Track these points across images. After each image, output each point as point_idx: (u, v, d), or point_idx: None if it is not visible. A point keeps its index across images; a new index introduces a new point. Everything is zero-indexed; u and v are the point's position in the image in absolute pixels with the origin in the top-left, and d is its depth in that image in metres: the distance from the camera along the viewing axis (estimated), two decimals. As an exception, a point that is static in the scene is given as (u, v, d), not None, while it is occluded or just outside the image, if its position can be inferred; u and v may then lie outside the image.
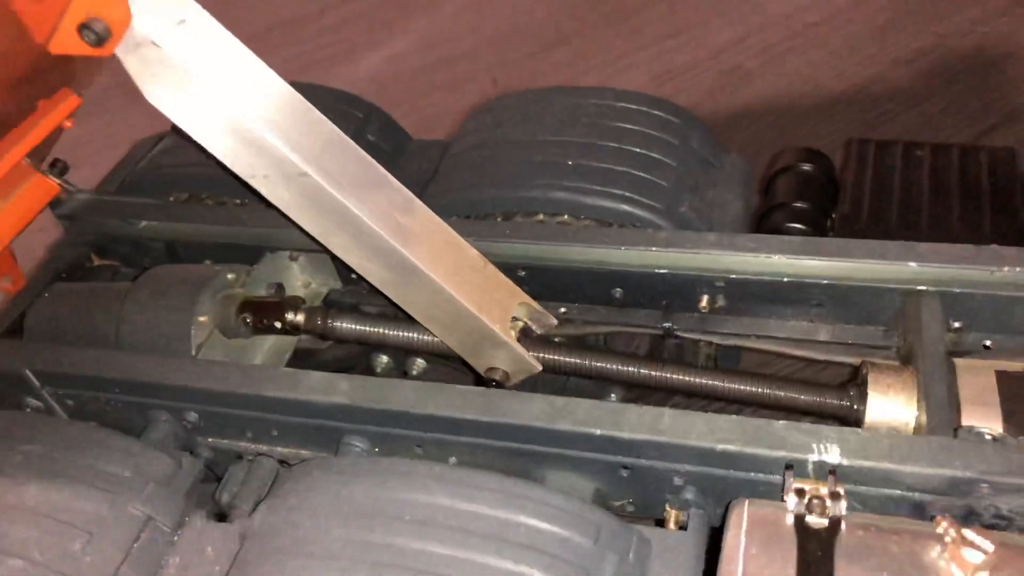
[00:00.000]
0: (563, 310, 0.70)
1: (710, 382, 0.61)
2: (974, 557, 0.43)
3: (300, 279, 0.74)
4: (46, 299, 0.75)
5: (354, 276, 0.70)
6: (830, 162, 0.76)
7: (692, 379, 0.62)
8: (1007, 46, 1.26)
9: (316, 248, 0.70)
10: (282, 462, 0.64)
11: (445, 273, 0.58)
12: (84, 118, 0.74)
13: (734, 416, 0.53)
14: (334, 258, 0.71)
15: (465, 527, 0.49)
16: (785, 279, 0.64)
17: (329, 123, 0.58)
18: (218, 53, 0.55)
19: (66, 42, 0.56)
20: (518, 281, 0.67)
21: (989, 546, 0.43)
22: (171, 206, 0.78)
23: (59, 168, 0.81)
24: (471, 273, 0.60)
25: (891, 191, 0.69)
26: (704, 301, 0.67)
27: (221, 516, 0.61)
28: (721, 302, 0.67)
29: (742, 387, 0.61)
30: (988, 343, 0.62)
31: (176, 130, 0.72)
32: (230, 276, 0.70)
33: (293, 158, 0.53)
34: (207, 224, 0.75)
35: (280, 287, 0.71)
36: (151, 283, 0.71)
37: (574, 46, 1.48)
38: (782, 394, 0.60)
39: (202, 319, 0.67)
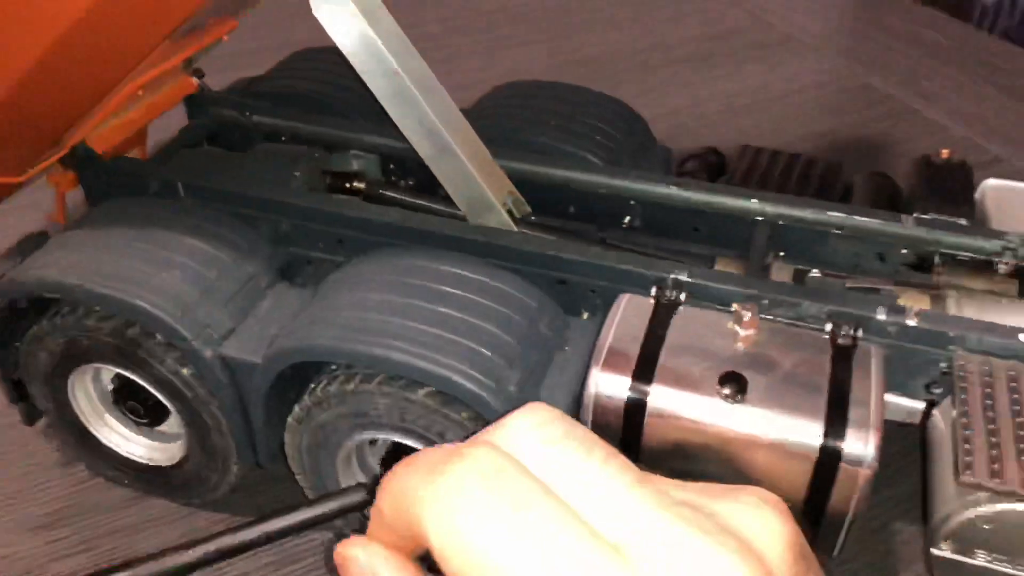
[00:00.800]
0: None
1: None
2: (745, 321, 0.77)
3: (356, 167, 1.08)
4: (182, 155, 1.07)
5: (392, 168, 1.05)
6: (723, 156, 1.13)
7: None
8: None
9: (369, 153, 1.05)
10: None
11: (468, 156, 0.92)
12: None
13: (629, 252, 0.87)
14: (382, 159, 1.05)
15: (452, 283, 0.82)
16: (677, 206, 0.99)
17: (418, 57, 0.92)
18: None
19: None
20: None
21: (749, 315, 0.76)
22: (275, 106, 1.12)
23: (198, 72, 1.14)
24: (483, 161, 0.94)
25: (758, 173, 1.06)
26: (626, 220, 1.02)
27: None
28: (637, 223, 1.02)
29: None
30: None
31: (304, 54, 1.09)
32: (316, 155, 1.04)
33: (394, 64, 0.88)
34: (300, 123, 1.09)
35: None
36: (263, 150, 1.05)
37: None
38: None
39: (297, 173, 1.00)
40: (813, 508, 0.72)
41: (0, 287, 0.86)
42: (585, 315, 0.87)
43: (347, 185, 1.01)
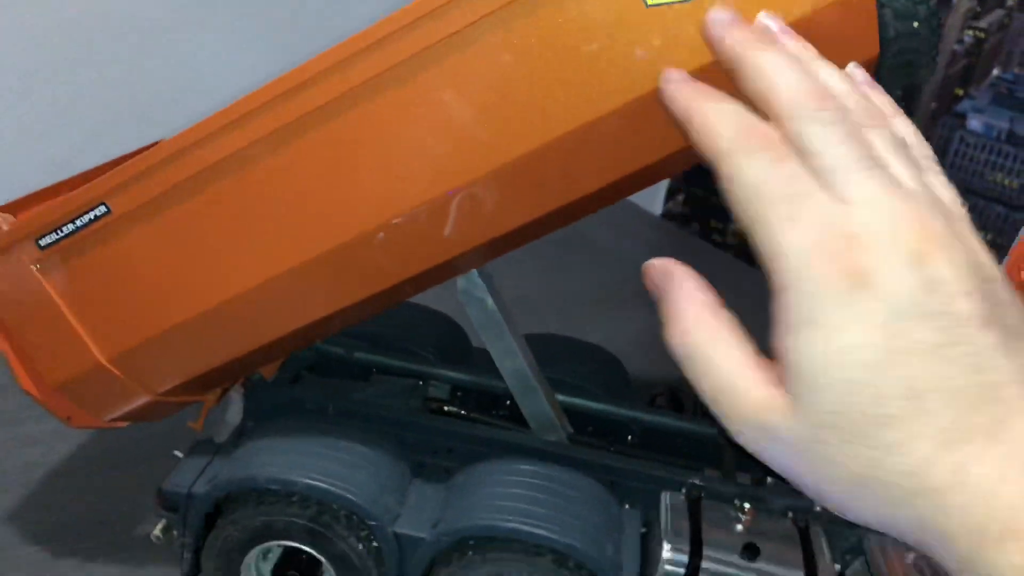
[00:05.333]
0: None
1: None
2: (746, 511, 1.21)
3: (436, 394, 1.46)
4: (309, 379, 1.41)
5: (459, 395, 1.45)
6: (680, 393, 1.62)
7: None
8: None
9: (443, 384, 1.45)
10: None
11: (543, 392, 1.34)
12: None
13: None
14: (452, 388, 1.45)
15: (556, 481, 1.21)
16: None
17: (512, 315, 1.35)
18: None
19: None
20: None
21: (748, 506, 1.21)
22: (372, 346, 1.49)
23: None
24: (547, 392, 1.36)
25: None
26: (628, 438, 1.47)
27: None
28: (636, 440, 1.47)
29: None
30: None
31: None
32: (420, 383, 1.42)
33: (506, 328, 1.30)
34: (390, 359, 1.47)
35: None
36: (378, 380, 1.42)
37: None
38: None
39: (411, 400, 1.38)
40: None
41: (229, 481, 1.16)
42: (627, 506, 1.29)
43: (444, 408, 1.39)
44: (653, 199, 3.44)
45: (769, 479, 1.40)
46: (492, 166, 0.89)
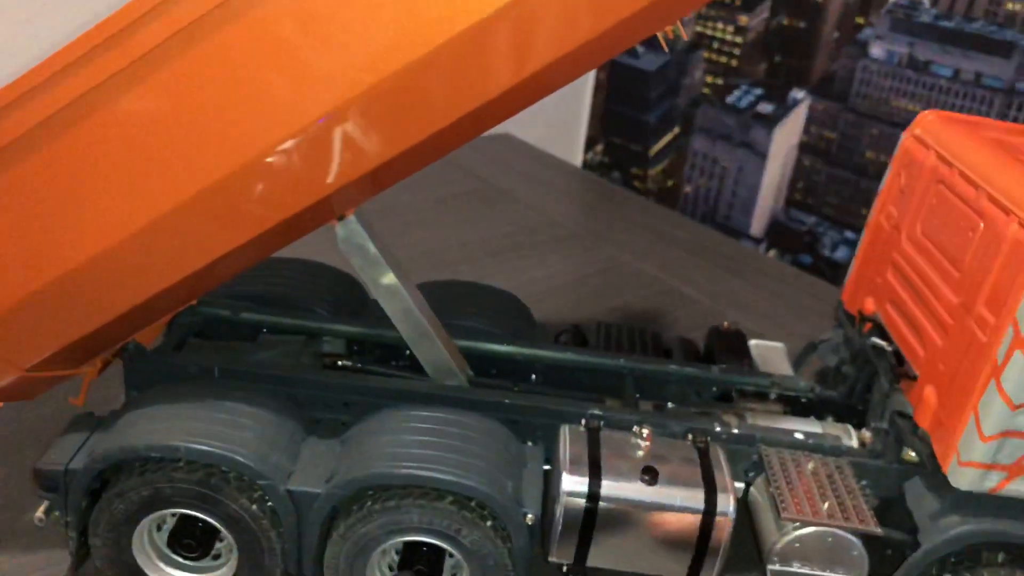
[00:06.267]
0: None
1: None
2: (645, 436, 1.21)
3: (330, 349, 1.42)
4: (193, 345, 1.36)
5: (355, 348, 1.42)
6: (583, 330, 1.61)
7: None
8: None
9: (337, 339, 1.41)
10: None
11: (438, 338, 1.31)
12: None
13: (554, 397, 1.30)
14: (347, 342, 1.42)
15: (451, 424, 1.19)
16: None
17: (396, 258, 1.31)
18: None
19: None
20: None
21: (647, 432, 1.21)
22: (257, 305, 1.44)
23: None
24: (444, 339, 1.34)
25: (612, 341, 1.55)
26: (532, 378, 1.45)
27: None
28: (540, 379, 1.45)
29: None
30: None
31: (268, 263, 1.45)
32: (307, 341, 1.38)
33: (390, 272, 1.26)
34: (280, 318, 1.42)
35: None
36: (267, 340, 1.37)
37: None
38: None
39: (303, 357, 1.33)
40: (698, 551, 1.16)
41: (107, 452, 1.10)
42: (529, 443, 1.28)
43: (337, 363, 1.35)
44: (573, 150, 3.42)
45: (670, 404, 1.41)
46: (357, 91, 0.87)
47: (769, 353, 1.55)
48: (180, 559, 1.19)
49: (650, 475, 1.14)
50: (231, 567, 1.18)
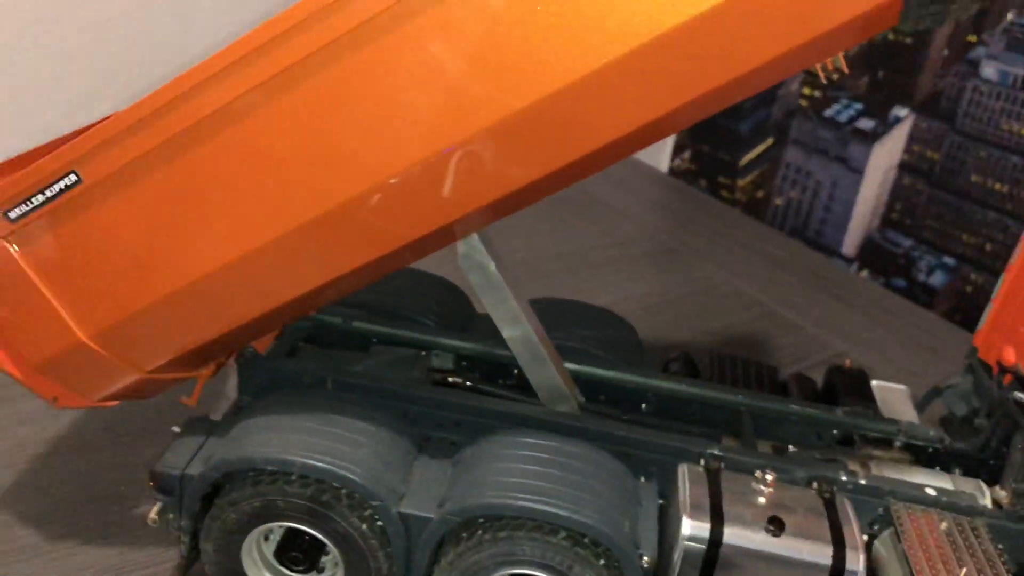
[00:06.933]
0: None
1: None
2: (768, 482, 1.15)
3: (438, 364, 1.40)
4: (307, 352, 1.35)
5: (464, 364, 1.38)
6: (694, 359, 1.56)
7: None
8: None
9: (446, 353, 1.38)
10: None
11: (552, 362, 1.27)
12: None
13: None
14: (456, 358, 1.39)
15: (569, 456, 1.15)
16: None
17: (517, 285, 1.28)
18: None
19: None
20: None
21: (770, 478, 1.15)
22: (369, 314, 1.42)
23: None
24: (557, 363, 1.30)
25: (727, 374, 1.49)
26: (643, 407, 1.40)
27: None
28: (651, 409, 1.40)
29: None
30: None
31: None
32: (422, 354, 1.36)
33: (512, 299, 1.23)
34: (391, 329, 1.40)
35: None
36: (377, 350, 1.35)
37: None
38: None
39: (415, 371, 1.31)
40: (821, 609, 1.09)
41: (223, 461, 1.10)
42: (642, 479, 1.23)
43: (448, 380, 1.33)
44: (659, 156, 3.36)
45: (791, 447, 1.34)
46: (487, 122, 0.83)
47: (892, 396, 1.47)
48: (286, 570, 1.18)
49: (775, 525, 1.08)
50: (336, 584, 1.17)
